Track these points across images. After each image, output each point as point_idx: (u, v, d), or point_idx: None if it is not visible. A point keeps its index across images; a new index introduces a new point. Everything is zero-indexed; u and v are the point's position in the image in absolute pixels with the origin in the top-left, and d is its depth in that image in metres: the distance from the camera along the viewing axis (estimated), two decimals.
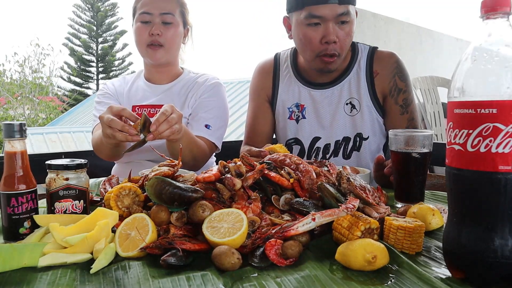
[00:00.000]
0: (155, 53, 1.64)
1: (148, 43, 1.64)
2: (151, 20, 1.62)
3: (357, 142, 1.57)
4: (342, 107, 1.56)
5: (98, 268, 0.71)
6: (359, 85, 1.55)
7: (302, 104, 1.61)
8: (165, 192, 0.83)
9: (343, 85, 1.56)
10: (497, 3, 0.58)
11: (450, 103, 0.64)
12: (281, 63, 1.68)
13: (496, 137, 0.58)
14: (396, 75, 1.53)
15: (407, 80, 1.54)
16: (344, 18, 1.40)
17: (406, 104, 1.53)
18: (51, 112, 17.98)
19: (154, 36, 1.62)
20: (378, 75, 1.54)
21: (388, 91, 1.53)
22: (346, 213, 0.78)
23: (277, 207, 0.91)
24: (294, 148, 1.63)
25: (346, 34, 1.42)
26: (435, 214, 0.88)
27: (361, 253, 0.69)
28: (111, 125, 1.17)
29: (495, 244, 0.60)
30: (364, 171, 1.19)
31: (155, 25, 1.62)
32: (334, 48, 1.42)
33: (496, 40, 0.60)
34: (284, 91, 1.64)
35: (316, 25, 1.42)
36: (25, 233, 0.84)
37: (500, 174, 0.58)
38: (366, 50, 1.58)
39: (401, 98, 1.53)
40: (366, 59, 1.56)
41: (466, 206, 0.63)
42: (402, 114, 1.53)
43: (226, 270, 0.70)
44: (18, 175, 0.84)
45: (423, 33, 6.18)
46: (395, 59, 1.55)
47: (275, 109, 1.67)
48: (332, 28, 1.40)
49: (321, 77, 1.58)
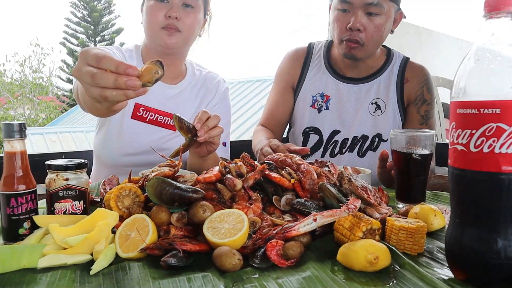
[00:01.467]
0: (170, 37, 1.42)
1: (163, 26, 1.41)
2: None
3: (375, 143, 1.59)
4: (367, 106, 1.59)
5: (98, 269, 0.71)
6: (388, 88, 1.59)
7: (327, 95, 1.63)
8: (165, 193, 0.83)
9: (373, 84, 1.60)
10: (500, 2, 0.58)
11: (452, 103, 0.63)
12: (314, 52, 1.70)
13: (500, 137, 0.57)
14: (424, 86, 1.58)
15: (433, 95, 1.59)
16: (373, 9, 1.43)
17: (427, 117, 1.57)
18: (51, 112, 17.99)
19: (171, 19, 1.39)
20: (408, 82, 1.59)
21: (414, 99, 1.57)
22: (347, 213, 0.78)
23: (278, 208, 0.91)
24: (311, 137, 1.64)
25: (374, 26, 1.45)
26: (436, 215, 0.88)
27: (363, 254, 0.69)
28: (97, 81, 0.75)
29: (498, 245, 0.59)
30: (365, 171, 1.18)
31: (174, 6, 1.39)
32: (358, 35, 1.45)
33: (499, 40, 0.59)
34: (311, 79, 1.66)
35: (345, 12, 1.46)
36: (24, 233, 0.84)
37: (504, 174, 0.58)
38: (400, 58, 1.64)
39: (424, 109, 1.57)
40: (400, 65, 1.61)
41: (468, 206, 0.62)
42: (421, 124, 1.57)
43: (227, 271, 0.70)
44: (18, 175, 0.84)
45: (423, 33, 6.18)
46: (426, 72, 1.61)
47: (297, 96, 1.68)
48: (360, 16, 1.43)
49: (353, 71, 1.61)
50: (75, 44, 21.88)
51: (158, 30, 1.42)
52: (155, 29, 1.42)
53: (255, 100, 8.66)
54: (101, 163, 1.57)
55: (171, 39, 1.42)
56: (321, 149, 1.63)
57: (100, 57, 0.75)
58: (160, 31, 1.41)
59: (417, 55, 5.79)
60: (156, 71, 0.77)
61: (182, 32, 1.43)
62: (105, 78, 0.74)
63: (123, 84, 0.74)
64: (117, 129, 1.48)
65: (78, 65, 0.79)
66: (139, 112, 1.48)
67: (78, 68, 0.79)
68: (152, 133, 1.50)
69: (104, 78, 0.74)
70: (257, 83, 9.19)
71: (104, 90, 0.75)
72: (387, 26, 1.48)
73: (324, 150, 1.62)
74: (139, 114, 1.48)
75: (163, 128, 1.51)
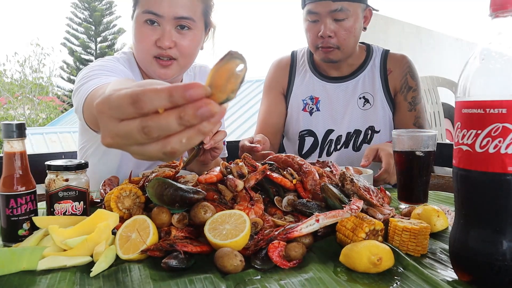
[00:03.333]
0: (165, 70, 1.22)
1: (155, 55, 1.21)
2: (160, 22, 1.18)
3: (368, 135, 1.63)
4: (355, 101, 1.63)
5: (98, 271, 0.70)
6: (373, 81, 1.63)
7: (316, 97, 1.68)
8: (166, 194, 0.82)
9: (358, 80, 1.64)
10: (507, 1, 0.57)
11: (457, 103, 0.62)
12: (297, 59, 1.76)
13: (506, 138, 0.57)
14: (408, 74, 1.62)
15: (417, 80, 1.63)
16: (339, 15, 1.48)
17: (415, 103, 1.61)
18: (51, 112, 17.99)
19: (162, 49, 1.19)
20: (391, 73, 1.63)
21: (399, 87, 1.61)
22: (350, 214, 0.77)
23: (279, 209, 0.90)
24: (307, 139, 1.69)
25: (344, 29, 1.50)
26: (439, 216, 0.87)
27: (366, 255, 0.68)
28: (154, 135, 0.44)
29: (504, 247, 0.58)
30: (366, 172, 1.18)
31: (166, 33, 1.17)
32: (330, 42, 1.51)
33: (505, 39, 0.58)
34: (299, 84, 1.71)
35: (314, 22, 1.52)
36: (24, 235, 0.83)
37: (509, 175, 0.57)
38: (380, 51, 1.68)
39: (410, 95, 1.61)
40: (381, 58, 1.65)
41: (473, 207, 0.62)
42: (410, 111, 1.60)
43: (228, 273, 0.69)
44: (17, 175, 0.83)
45: (423, 33, 6.18)
46: (407, 60, 1.65)
47: (289, 102, 1.72)
48: (328, 23, 1.48)
49: (336, 71, 1.66)
50: (76, 44, 21.87)
51: (149, 59, 1.22)
52: (146, 58, 1.22)
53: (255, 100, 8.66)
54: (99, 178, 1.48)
55: (165, 71, 1.23)
56: (317, 150, 1.67)
57: (136, 95, 0.43)
58: (152, 61, 1.22)
59: (417, 55, 5.80)
60: (235, 72, 0.45)
61: (178, 60, 1.23)
62: (164, 124, 0.43)
63: (195, 118, 0.43)
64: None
65: (106, 129, 0.46)
66: None
67: (109, 133, 0.46)
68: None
69: (162, 125, 0.43)
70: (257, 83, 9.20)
71: (168, 141, 0.44)
72: (357, 26, 1.52)
73: (320, 150, 1.67)
74: None
75: None
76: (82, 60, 21.87)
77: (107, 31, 22.37)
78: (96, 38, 22.14)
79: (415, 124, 1.59)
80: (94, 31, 21.99)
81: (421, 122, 1.60)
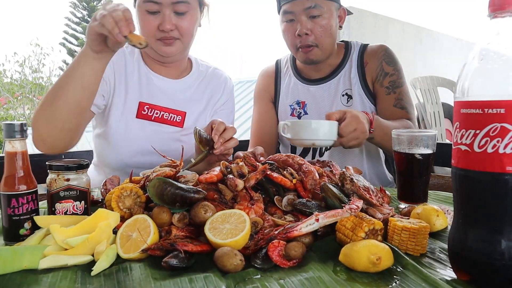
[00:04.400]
0: (169, 47, 1.38)
1: (159, 38, 1.36)
2: (160, 9, 1.33)
3: None
4: (339, 99, 1.64)
5: (99, 270, 0.70)
6: (351, 76, 1.63)
7: (303, 101, 1.69)
8: (166, 193, 0.82)
9: (339, 78, 1.65)
10: (505, 1, 0.57)
11: (456, 103, 0.63)
12: (281, 67, 1.80)
13: (504, 138, 0.57)
14: (383, 61, 1.60)
15: (395, 65, 1.59)
16: (313, 11, 1.50)
17: (394, 86, 1.57)
18: None
19: (165, 32, 1.34)
20: (367, 65, 1.62)
21: (376, 76, 1.60)
22: (349, 214, 0.78)
23: (279, 208, 0.91)
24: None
25: (320, 26, 1.52)
26: (439, 215, 0.88)
27: (365, 255, 0.68)
28: (112, 14, 1.03)
29: (502, 246, 0.59)
30: (330, 118, 1.19)
31: (166, 18, 1.32)
32: (308, 40, 1.52)
33: (504, 39, 0.59)
34: (285, 90, 1.74)
35: (291, 21, 1.54)
36: (25, 234, 0.83)
37: (508, 175, 0.57)
38: (359, 46, 1.68)
39: (387, 80, 1.58)
40: (358, 52, 1.65)
41: (472, 207, 0.62)
42: (388, 94, 1.57)
43: (228, 272, 0.69)
44: (19, 175, 0.83)
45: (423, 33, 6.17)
46: (383, 48, 1.63)
47: (278, 109, 1.75)
48: (304, 21, 1.50)
49: (318, 73, 1.68)
50: (75, 44, 21.83)
51: (154, 41, 1.38)
52: (151, 41, 1.37)
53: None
54: (104, 165, 1.53)
55: (170, 48, 1.39)
56: (310, 152, 1.68)
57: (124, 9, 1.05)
58: (157, 42, 1.38)
59: (417, 55, 5.80)
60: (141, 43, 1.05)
61: (181, 39, 1.39)
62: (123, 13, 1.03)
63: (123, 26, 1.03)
64: (122, 131, 1.44)
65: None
66: (143, 111, 1.44)
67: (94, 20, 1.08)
68: (159, 131, 1.47)
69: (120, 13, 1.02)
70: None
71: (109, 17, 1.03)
72: (332, 23, 1.55)
73: (313, 152, 1.68)
74: (144, 112, 1.44)
75: (169, 125, 1.49)
76: None
77: None
78: None
79: (396, 105, 1.55)
80: None
81: (403, 104, 1.55)
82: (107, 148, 1.48)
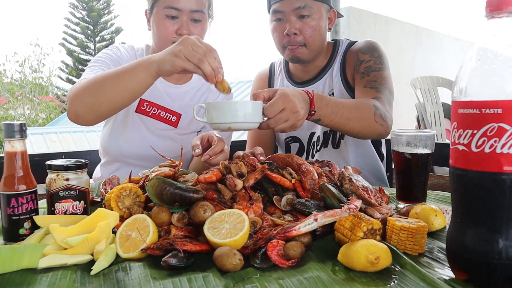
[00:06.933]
0: None
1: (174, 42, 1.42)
2: (178, 15, 1.47)
3: None
4: None
5: (98, 269, 0.71)
6: (333, 75, 1.61)
7: None
8: (166, 193, 0.82)
9: (326, 78, 1.64)
10: (502, 2, 0.58)
11: (454, 103, 0.63)
12: (275, 69, 1.80)
13: (501, 138, 0.57)
14: (359, 52, 1.56)
15: (372, 53, 1.53)
16: (303, 11, 1.49)
17: (369, 70, 1.50)
18: (51, 112, 17.99)
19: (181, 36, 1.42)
20: (347, 61, 1.60)
21: (353, 67, 1.56)
22: (348, 213, 0.78)
23: (278, 208, 0.91)
24: (292, 146, 1.71)
25: (309, 27, 1.51)
26: (437, 215, 0.88)
27: (364, 254, 0.68)
28: (209, 60, 1.06)
29: (500, 245, 0.59)
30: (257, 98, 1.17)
31: (183, 23, 1.47)
32: (295, 39, 1.51)
33: (501, 40, 0.59)
34: None
35: (280, 21, 1.54)
36: (25, 234, 0.84)
37: (505, 174, 0.57)
38: (346, 44, 1.65)
39: (362, 67, 1.52)
40: (343, 51, 1.63)
41: (470, 207, 0.62)
42: (362, 78, 1.51)
43: (227, 271, 0.70)
44: (18, 175, 0.84)
45: (423, 33, 6.17)
46: (362, 42, 1.60)
47: None
48: (293, 21, 1.50)
49: (307, 74, 1.67)
50: (74, 44, 21.84)
51: (169, 44, 1.39)
52: (167, 43, 1.45)
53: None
54: (108, 155, 1.62)
55: None
56: (304, 154, 1.68)
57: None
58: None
59: (417, 55, 5.80)
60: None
61: None
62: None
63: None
64: (122, 122, 1.57)
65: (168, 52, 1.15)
66: (143, 107, 1.56)
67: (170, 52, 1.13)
68: (155, 125, 1.58)
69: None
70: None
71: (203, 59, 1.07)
72: (321, 25, 1.53)
73: (307, 153, 1.67)
74: (143, 108, 1.56)
75: (164, 123, 1.59)
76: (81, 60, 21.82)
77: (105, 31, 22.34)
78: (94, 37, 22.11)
79: (366, 85, 1.46)
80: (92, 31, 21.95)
81: (374, 84, 1.45)
82: (108, 137, 1.60)
